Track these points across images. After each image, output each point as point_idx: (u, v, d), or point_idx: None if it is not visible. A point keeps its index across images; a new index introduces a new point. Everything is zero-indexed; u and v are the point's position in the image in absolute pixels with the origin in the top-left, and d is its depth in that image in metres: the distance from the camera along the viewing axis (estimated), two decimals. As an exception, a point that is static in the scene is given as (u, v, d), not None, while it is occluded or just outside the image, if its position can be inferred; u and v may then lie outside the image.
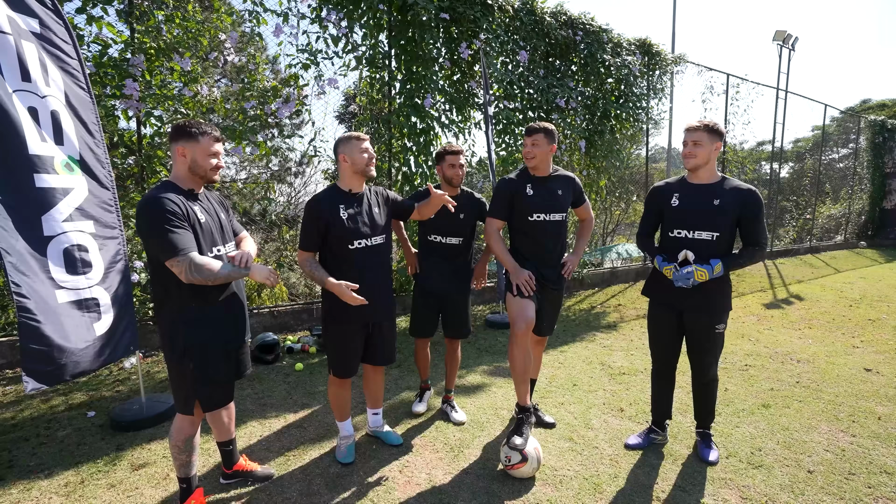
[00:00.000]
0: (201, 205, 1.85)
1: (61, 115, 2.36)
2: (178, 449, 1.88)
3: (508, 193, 2.48)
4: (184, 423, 1.88)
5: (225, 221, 1.95)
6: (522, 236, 2.54)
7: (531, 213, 2.46)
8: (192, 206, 1.79)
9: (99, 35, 3.72)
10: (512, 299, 2.37)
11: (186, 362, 1.79)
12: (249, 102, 4.21)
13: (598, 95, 6.04)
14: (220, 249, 1.86)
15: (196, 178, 1.83)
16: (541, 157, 2.45)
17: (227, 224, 1.97)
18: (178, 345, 1.78)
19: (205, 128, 1.80)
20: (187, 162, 1.79)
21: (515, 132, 5.65)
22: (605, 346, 4.34)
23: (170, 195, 1.71)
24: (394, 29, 4.78)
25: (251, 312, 4.62)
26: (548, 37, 5.62)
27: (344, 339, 2.24)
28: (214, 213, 1.90)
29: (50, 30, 2.36)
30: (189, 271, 1.65)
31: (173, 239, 1.64)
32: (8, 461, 2.40)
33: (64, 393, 3.20)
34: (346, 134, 2.22)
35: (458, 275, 2.79)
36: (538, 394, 3.22)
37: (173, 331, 1.78)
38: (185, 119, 1.97)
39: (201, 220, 1.79)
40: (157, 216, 1.65)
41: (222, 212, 1.97)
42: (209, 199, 1.95)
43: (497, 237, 2.51)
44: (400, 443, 2.53)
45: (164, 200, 1.67)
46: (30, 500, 2.08)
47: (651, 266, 2.51)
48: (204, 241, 1.78)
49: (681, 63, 7.22)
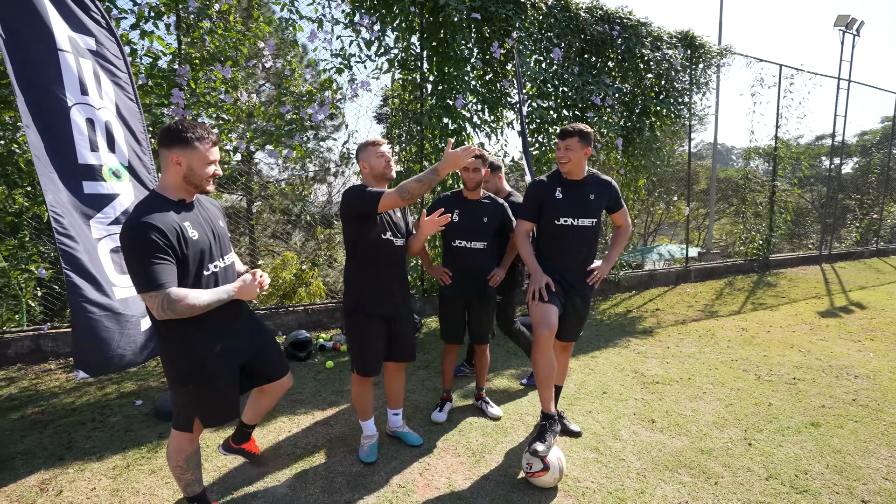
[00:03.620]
0: (193, 217, 1.68)
1: (113, 125, 2.53)
2: (180, 469, 1.82)
3: (538, 196, 2.46)
4: (182, 442, 1.80)
5: (223, 231, 1.82)
6: (548, 239, 2.51)
7: (558, 217, 2.43)
8: (183, 222, 1.62)
9: (150, 48, 3.97)
10: (534, 303, 2.34)
11: (187, 384, 1.71)
12: (286, 107, 4.36)
13: (637, 91, 5.83)
14: (217, 264, 1.73)
15: (189, 188, 1.67)
16: (574, 161, 2.38)
17: (226, 234, 1.85)
18: (176, 368, 1.70)
19: (201, 131, 1.63)
20: (182, 171, 1.62)
21: (549, 131, 5.55)
22: (639, 352, 4.20)
23: (154, 217, 1.54)
24: (425, 31, 4.80)
25: (287, 310, 4.79)
26: (583, 33, 5.48)
27: (366, 337, 2.29)
28: (210, 223, 1.75)
29: (104, 46, 2.54)
30: (161, 307, 1.51)
31: (149, 271, 1.50)
32: (67, 442, 2.62)
33: (117, 382, 3.45)
34: (363, 141, 2.30)
35: (482, 281, 2.77)
36: (565, 400, 3.15)
37: (172, 350, 1.70)
38: (177, 120, 1.77)
39: (194, 238, 1.63)
40: (135, 245, 1.51)
41: (220, 221, 1.84)
42: (204, 207, 1.79)
43: (524, 239, 2.49)
44: (420, 443, 2.55)
45: (147, 228, 1.51)
46: (83, 480, 2.26)
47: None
48: (194, 260, 1.64)
49: (727, 55, 6.84)
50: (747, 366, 3.84)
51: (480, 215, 2.73)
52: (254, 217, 6.83)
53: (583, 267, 2.51)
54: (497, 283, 2.78)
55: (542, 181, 2.48)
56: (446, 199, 2.79)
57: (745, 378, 3.57)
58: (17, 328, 4.09)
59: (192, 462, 1.87)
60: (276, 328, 4.66)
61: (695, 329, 4.93)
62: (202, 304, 1.59)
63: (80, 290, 2.28)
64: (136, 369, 3.64)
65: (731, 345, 4.39)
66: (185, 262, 1.61)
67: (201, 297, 1.59)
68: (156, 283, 1.51)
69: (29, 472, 2.33)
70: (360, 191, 2.15)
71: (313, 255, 6.25)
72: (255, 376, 1.97)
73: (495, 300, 2.92)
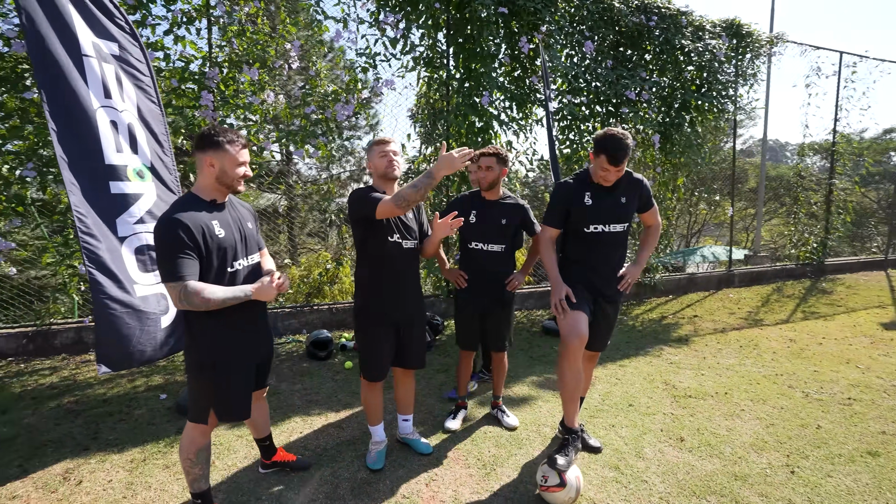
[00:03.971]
0: (223, 217, 1.80)
1: (135, 127, 2.60)
2: (190, 462, 1.86)
3: (565, 201, 2.29)
4: (195, 434, 1.85)
5: (250, 233, 1.92)
6: (577, 246, 2.35)
7: (588, 224, 2.27)
8: (211, 220, 1.74)
9: (182, 52, 4.10)
10: (563, 312, 2.20)
11: (205, 376, 1.79)
12: (310, 107, 4.39)
13: (676, 85, 5.50)
14: (241, 263, 1.83)
15: (221, 189, 1.80)
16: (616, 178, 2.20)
17: (253, 235, 1.94)
18: (197, 358, 1.79)
19: (231, 135, 1.76)
20: (215, 172, 1.75)
21: (580, 128, 5.33)
22: (671, 362, 3.94)
23: (184, 215, 1.66)
24: (451, 27, 4.71)
25: (312, 309, 4.85)
26: (617, 25, 5.22)
27: (375, 341, 2.24)
28: (238, 223, 1.87)
29: (127, 51, 2.61)
30: (179, 298, 1.62)
31: (173, 264, 1.62)
32: (94, 432, 2.73)
33: (146, 375, 3.58)
34: (371, 140, 2.25)
35: (500, 285, 2.66)
36: (587, 412, 2.99)
37: (194, 343, 1.79)
38: (210, 126, 1.93)
39: (220, 236, 1.75)
40: (165, 239, 1.63)
41: (249, 222, 1.94)
42: (235, 208, 1.91)
43: (548, 246, 2.35)
44: (430, 452, 2.48)
45: (175, 224, 1.63)
46: (102, 471, 2.34)
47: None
48: (218, 257, 1.74)
49: (779, 43, 6.34)
50: (794, 382, 3.51)
51: (498, 216, 2.62)
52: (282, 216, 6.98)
53: (614, 273, 2.36)
54: (515, 287, 2.66)
55: (569, 184, 2.30)
56: (463, 198, 2.70)
57: (790, 395, 3.27)
58: (62, 320, 4.34)
59: (202, 457, 1.90)
60: (301, 326, 4.72)
61: (735, 338, 4.59)
62: (217, 299, 1.67)
63: (102, 287, 2.35)
64: (164, 363, 3.77)
65: (776, 357, 4.05)
66: (209, 257, 1.72)
67: (217, 293, 1.67)
68: (176, 274, 1.62)
69: (56, 459, 2.44)
70: (361, 196, 2.12)
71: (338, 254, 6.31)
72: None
73: (513, 305, 2.80)
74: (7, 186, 3.61)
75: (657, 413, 2.99)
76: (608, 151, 2.09)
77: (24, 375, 3.56)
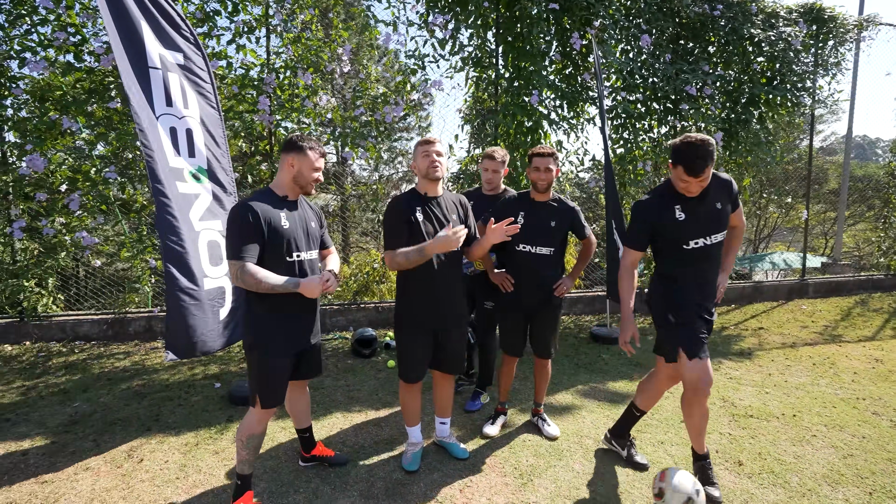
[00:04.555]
0: (291, 212, 2.00)
1: (195, 132, 2.78)
2: (241, 443, 1.99)
3: (649, 219, 2.09)
4: (251, 420, 1.99)
5: (314, 230, 2.10)
6: (678, 266, 2.14)
7: (687, 241, 2.07)
8: (280, 212, 1.94)
9: (243, 60, 4.34)
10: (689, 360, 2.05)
11: (253, 353, 1.96)
12: (359, 109, 4.50)
13: (743, 78, 5.08)
14: (300, 255, 2.00)
15: (295, 188, 2.01)
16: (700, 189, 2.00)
17: (316, 233, 2.11)
18: (248, 339, 1.97)
19: (313, 143, 1.98)
20: (293, 172, 1.97)
21: (636, 126, 5.08)
22: (731, 377, 3.64)
23: (257, 204, 1.88)
24: (501, 26, 4.65)
25: (359, 307, 4.97)
26: (677, 16, 4.92)
27: (412, 345, 2.25)
28: (304, 221, 2.05)
29: (191, 60, 2.80)
30: (237, 276, 1.82)
31: (237, 244, 1.82)
32: (156, 415, 2.95)
33: (204, 364, 3.82)
34: (417, 142, 2.25)
35: (547, 289, 2.57)
36: (635, 425, 2.82)
37: (246, 326, 1.98)
38: (298, 133, 2.19)
39: (284, 227, 1.93)
40: (235, 221, 1.85)
41: (313, 221, 2.11)
42: (304, 208, 2.10)
43: (629, 272, 2.13)
44: (466, 457, 2.45)
45: (248, 209, 1.85)
46: (161, 452, 2.52)
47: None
48: (280, 245, 1.91)
49: (870, 27, 5.69)
50: (879, 408, 3.13)
51: (548, 219, 2.53)
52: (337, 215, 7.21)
53: (714, 285, 2.19)
54: (564, 293, 2.56)
55: (650, 200, 2.09)
56: (511, 200, 2.63)
57: (874, 423, 2.91)
58: (136, 309, 4.75)
59: (252, 443, 2.01)
60: (348, 324, 4.85)
61: (808, 355, 4.17)
62: (268, 284, 1.82)
63: (176, 280, 2.53)
64: (220, 354, 4.01)
65: (857, 378, 3.63)
66: (273, 243, 1.90)
67: (269, 279, 1.83)
68: (238, 253, 1.82)
69: (123, 437, 2.66)
70: (388, 222, 2.18)
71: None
72: (296, 369, 2.08)
73: (560, 310, 2.70)
74: (94, 186, 3.99)
75: (713, 432, 2.76)
76: (685, 162, 1.90)
77: (103, 358, 3.92)
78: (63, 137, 4.08)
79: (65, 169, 4.02)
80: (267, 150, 4.62)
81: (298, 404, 2.27)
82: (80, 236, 3.98)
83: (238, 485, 2.03)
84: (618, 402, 3.18)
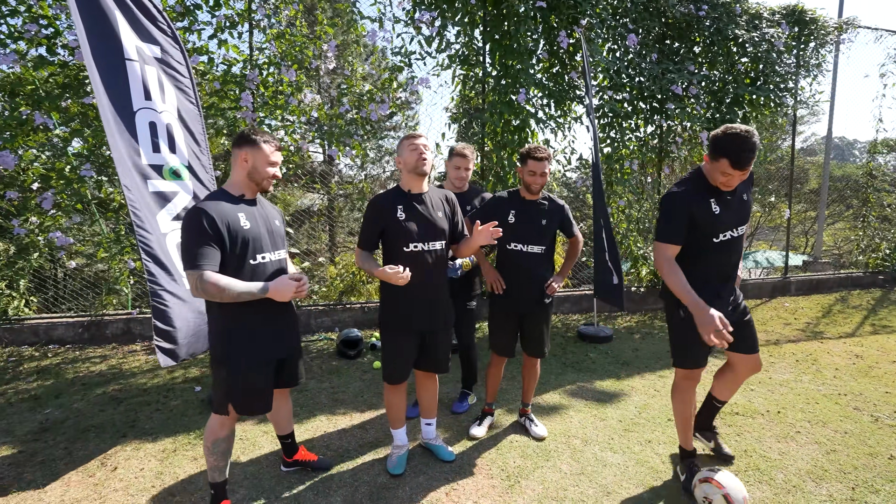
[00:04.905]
0: (250, 211, 1.85)
1: (174, 127, 2.70)
2: (207, 450, 1.91)
3: (689, 211, 1.97)
4: (215, 425, 1.89)
5: (278, 229, 1.97)
6: (705, 260, 2.06)
7: (717, 234, 2.01)
8: (238, 213, 1.80)
9: (226, 56, 4.24)
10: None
11: (222, 369, 1.82)
12: (344, 106, 4.43)
13: (728, 79, 5.14)
14: (265, 256, 1.87)
15: (252, 185, 1.87)
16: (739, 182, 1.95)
17: (281, 233, 1.98)
18: (217, 351, 1.83)
19: (267, 136, 1.85)
20: (248, 167, 1.83)
21: (622, 126, 5.10)
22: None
23: (212, 205, 1.73)
24: (488, 24, 4.62)
25: (344, 307, 4.89)
26: (663, 16, 4.95)
27: (396, 346, 2.20)
28: (266, 219, 1.91)
29: (168, 54, 2.71)
30: (196, 286, 1.68)
31: (193, 252, 1.68)
32: (132, 420, 2.85)
33: (184, 367, 3.72)
34: (403, 136, 2.20)
35: (539, 288, 2.53)
36: (621, 425, 2.82)
37: (215, 337, 1.84)
38: (248, 127, 2.08)
39: (245, 227, 1.80)
40: (189, 227, 1.70)
41: (277, 219, 1.99)
42: (264, 206, 1.96)
43: (673, 267, 1.95)
44: (452, 459, 2.41)
45: (201, 212, 1.70)
46: (136, 459, 2.43)
47: None
48: (242, 247, 1.77)
49: (849, 29, 5.80)
50: (860, 403, 3.17)
51: (538, 217, 2.50)
52: (323, 215, 7.12)
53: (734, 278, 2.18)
54: (554, 291, 2.53)
55: (689, 193, 1.98)
56: (502, 199, 2.57)
57: (856, 419, 2.94)
58: (113, 312, 4.61)
59: (219, 448, 1.92)
60: (333, 324, 4.78)
61: (791, 352, 4.22)
62: (233, 291, 1.69)
63: (156, 279, 2.45)
64: (202, 356, 3.91)
65: (839, 374, 3.68)
66: (232, 248, 1.76)
67: (232, 286, 1.70)
68: (195, 262, 1.67)
69: (97, 444, 2.56)
70: (368, 217, 2.17)
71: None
72: (276, 377, 1.98)
73: (552, 309, 2.67)
74: (68, 185, 3.85)
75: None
76: (731, 154, 1.81)
77: (78, 362, 3.79)
78: (35, 134, 3.94)
79: (37, 166, 3.88)
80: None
81: (280, 412, 2.20)
82: (54, 236, 3.85)
83: (212, 494, 1.95)
84: (605, 401, 3.17)
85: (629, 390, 3.35)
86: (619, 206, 5.23)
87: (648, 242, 5.64)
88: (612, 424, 2.83)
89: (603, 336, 4.46)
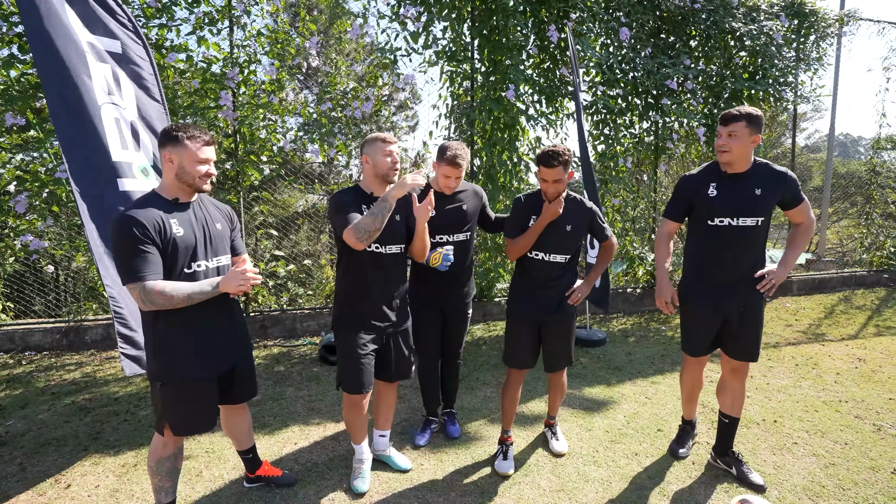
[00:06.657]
0: (183, 215, 1.70)
1: (137, 125, 2.57)
2: (151, 470, 1.80)
3: (688, 192, 2.21)
4: (157, 444, 1.78)
5: (220, 233, 1.80)
6: (700, 243, 2.23)
7: (711, 217, 2.13)
8: (169, 219, 1.64)
9: (205, 54, 4.13)
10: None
11: (157, 385, 1.70)
12: (325, 104, 4.31)
13: (725, 73, 4.98)
14: (200, 264, 1.71)
15: (184, 187, 1.70)
16: (738, 151, 2.04)
17: (222, 237, 1.82)
18: (153, 367, 1.70)
19: (193, 131, 1.68)
20: (174, 168, 1.67)
21: (616, 122, 4.95)
22: (712, 381, 3.49)
23: (140, 212, 1.58)
24: (476, 18, 4.49)
25: (330, 309, 4.77)
26: (658, 9, 4.80)
27: (354, 350, 2.04)
28: (203, 224, 1.75)
29: (129, 49, 2.58)
30: (142, 300, 1.55)
31: (130, 263, 1.55)
32: (97, 432, 2.73)
33: (161, 374, 3.60)
34: (372, 134, 2.05)
35: (560, 296, 2.28)
36: (608, 436, 2.68)
37: (149, 351, 1.71)
38: (174, 123, 1.87)
39: (178, 234, 1.64)
40: (119, 238, 1.57)
41: (219, 223, 1.82)
42: (204, 207, 1.80)
43: (664, 241, 2.30)
44: (408, 469, 2.30)
45: (130, 221, 1.55)
46: (93, 475, 2.31)
47: None
48: (174, 256, 1.64)
49: (850, 22, 5.63)
50: (862, 411, 3.01)
51: (563, 223, 2.23)
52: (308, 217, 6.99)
53: (748, 274, 2.14)
54: (578, 301, 2.28)
55: (694, 176, 2.22)
56: (522, 203, 2.32)
57: (857, 428, 2.79)
58: (93, 317, 4.50)
59: (163, 468, 1.81)
60: (319, 328, 4.65)
61: (791, 355, 4.06)
62: (182, 295, 1.59)
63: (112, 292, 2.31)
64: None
65: (840, 379, 3.53)
66: (163, 256, 1.63)
67: (180, 289, 1.59)
68: (135, 274, 1.55)
69: (55, 459, 2.44)
70: (338, 207, 1.97)
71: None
72: (223, 392, 1.85)
73: (575, 319, 2.39)
74: (43, 187, 3.74)
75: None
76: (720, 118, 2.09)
77: (52, 370, 3.68)
78: (10, 135, 3.84)
79: (11, 168, 3.78)
80: (231, 149, 4.41)
81: (238, 428, 2.07)
82: (27, 239, 3.75)
83: None
84: (593, 409, 3.03)
85: (619, 398, 3.21)
86: (613, 206, 5.09)
87: (645, 242, 5.49)
88: (599, 435, 2.69)
89: (596, 340, 4.32)
